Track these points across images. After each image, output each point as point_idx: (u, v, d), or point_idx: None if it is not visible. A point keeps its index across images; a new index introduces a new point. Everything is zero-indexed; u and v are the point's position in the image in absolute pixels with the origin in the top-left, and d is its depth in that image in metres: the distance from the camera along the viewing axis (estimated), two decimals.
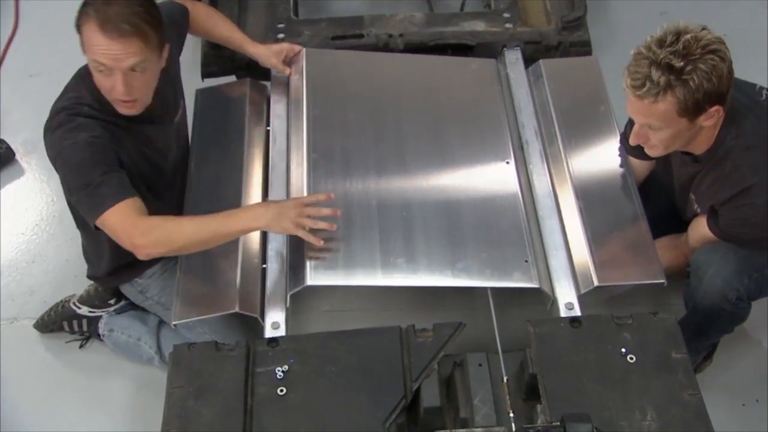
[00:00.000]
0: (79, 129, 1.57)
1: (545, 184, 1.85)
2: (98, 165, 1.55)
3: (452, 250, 1.70)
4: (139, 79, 1.57)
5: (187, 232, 1.55)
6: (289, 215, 1.58)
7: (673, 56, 1.45)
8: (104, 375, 2.02)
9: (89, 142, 1.55)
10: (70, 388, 2.00)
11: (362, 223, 1.73)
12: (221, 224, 1.57)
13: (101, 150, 1.56)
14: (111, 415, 1.95)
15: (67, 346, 2.07)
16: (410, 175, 1.84)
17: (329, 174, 1.81)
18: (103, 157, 1.56)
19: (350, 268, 1.66)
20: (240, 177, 1.86)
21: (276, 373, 1.47)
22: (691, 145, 1.62)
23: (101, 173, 1.54)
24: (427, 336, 1.52)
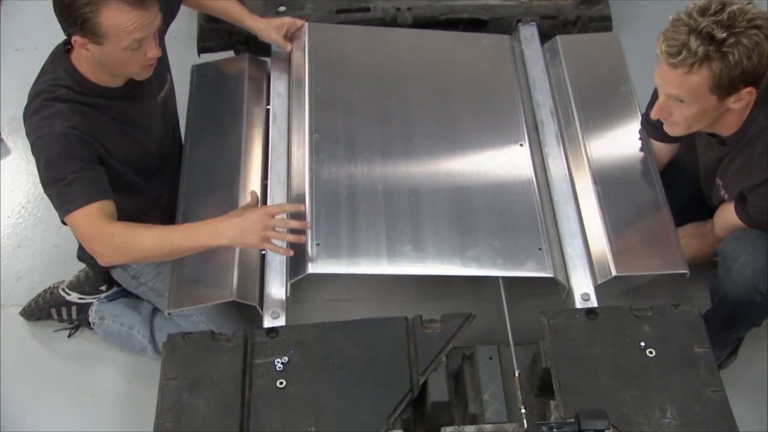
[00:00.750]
0: (54, 117, 1.58)
1: (561, 168, 1.85)
2: (72, 161, 1.57)
3: (462, 237, 1.70)
4: (158, 36, 1.61)
5: (146, 244, 1.58)
6: (253, 229, 1.57)
7: (715, 26, 1.42)
8: (94, 365, 2.03)
9: (64, 134, 1.57)
10: (59, 378, 2.01)
11: (367, 208, 1.73)
12: (181, 239, 1.58)
13: (77, 143, 1.58)
14: (101, 407, 1.96)
15: (56, 334, 2.08)
16: (418, 158, 1.83)
17: (332, 156, 1.81)
18: (78, 152, 1.58)
19: (354, 256, 1.66)
20: (238, 158, 1.86)
21: (275, 365, 1.47)
22: (717, 126, 1.61)
23: (74, 170, 1.57)
24: (434, 327, 1.52)
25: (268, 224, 1.58)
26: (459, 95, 1.96)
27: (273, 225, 1.58)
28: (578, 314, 1.53)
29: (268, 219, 1.58)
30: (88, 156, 1.60)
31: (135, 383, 1.98)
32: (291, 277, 1.67)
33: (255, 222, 1.57)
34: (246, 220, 1.57)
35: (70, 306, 2.04)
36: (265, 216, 1.58)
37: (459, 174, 1.81)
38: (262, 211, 1.59)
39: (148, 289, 1.90)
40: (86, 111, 1.62)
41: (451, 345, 1.50)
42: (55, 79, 1.62)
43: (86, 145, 1.60)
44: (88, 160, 1.59)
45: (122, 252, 1.59)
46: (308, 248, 1.66)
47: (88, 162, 1.60)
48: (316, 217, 1.71)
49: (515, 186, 1.79)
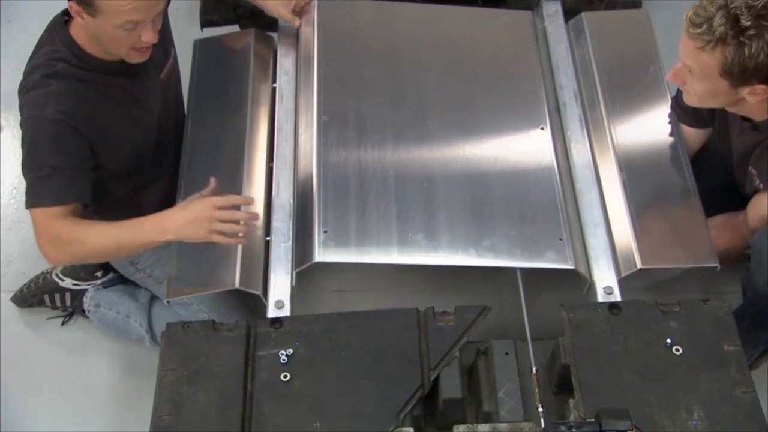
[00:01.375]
0: (48, 98, 1.59)
1: (584, 154, 1.84)
2: (55, 153, 1.59)
3: (478, 226, 1.70)
4: (159, 21, 1.60)
5: (92, 242, 1.61)
6: (199, 223, 1.57)
7: (746, 10, 1.42)
8: (89, 355, 2.04)
9: (55, 120, 1.57)
10: (51, 369, 2.03)
11: (377, 194, 1.73)
12: (127, 237, 1.60)
13: (66, 132, 1.59)
14: (95, 399, 1.97)
15: (48, 322, 2.09)
16: (432, 141, 1.83)
17: (341, 139, 1.81)
18: (65, 142, 1.59)
19: (363, 244, 1.66)
20: (242, 139, 1.86)
21: (279, 357, 1.48)
22: (743, 110, 1.60)
23: (54, 164, 1.59)
24: (447, 320, 1.52)
25: (214, 216, 1.57)
26: (477, 75, 1.95)
27: (218, 217, 1.58)
28: (600, 308, 1.52)
29: (213, 211, 1.58)
30: (75, 148, 1.61)
31: (131, 375, 1.99)
32: (296, 266, 1.67)
33: (199, 215, 1.58)
34: (190, 214, 1.58)
35: (63, 292, 2.06)
36: (209, 209, 1.58)
37: (475, 159, 1.80)
38: (207, 203, 1.59)
39: (147, 276, 1.91)
40: (84, 90, 1.62)
41: (465, 339, 1.50)
42: (53, 51, 1.63)
43: (76, 134, 1.60)
44: (73, 153, 1.61)
45: (68, 252, 1.63)
46: (315, 236, 1.66)
47: (73, 157, 1.61)
48: (324, 203, 1.71)
49: (535, 172, 1.78)
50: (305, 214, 1.72)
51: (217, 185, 1.65)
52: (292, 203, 1.78)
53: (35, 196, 1.61)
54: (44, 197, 1.60)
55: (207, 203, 1.59)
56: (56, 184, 1.60)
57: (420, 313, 1.53)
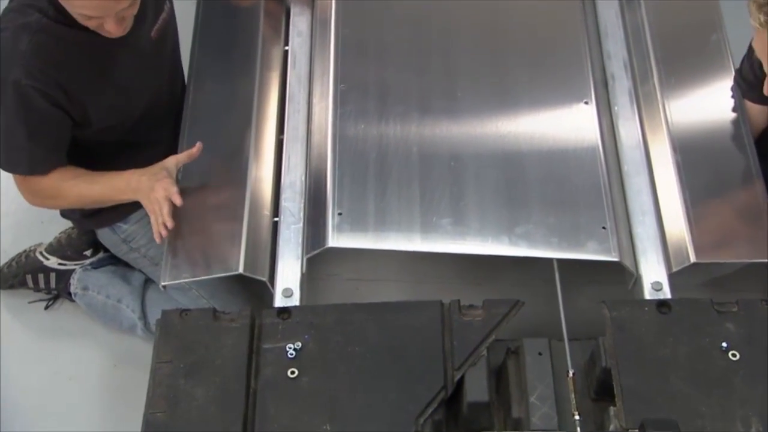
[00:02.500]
0: (14, 58, 1.59)
1: (633, 132, 1.83)
2: (23, 123, 1.63)
3: (511, 211, 1.69)
4: (131, 9, 1.59)
5: (71, 199, 1.77)
6: (156, 190, 1.66)
7: None
8: (75, 344, 2.06)
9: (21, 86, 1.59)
10: (32, 358, 2.05)
11: (399, 173, 1.73)
12: (102, 193, 1.75)
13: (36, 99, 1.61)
14: (81, 392, 2.00)
15: (31, 306, 2.11)
16: (462, 115, 1.82)
17: (360, 111, 1.81)
18: (34, 110, 1.62)
19: (382, 229, 1.66)
20: (249, 108, 1.86)
21: (287, 351, 1.48)
22: None
23: (24, 135, 1.64)
24: (475, 314, 1.52)
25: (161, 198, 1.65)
26: (513, 42, 1.93)
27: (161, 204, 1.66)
28: (647, 306, 1.51)
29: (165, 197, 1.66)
30: (47, 116, 1.64)
31: (122, 366, 2.02)
32: (308, 251, 1.67)
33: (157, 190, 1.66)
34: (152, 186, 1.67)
35: (48, 272, 2.07)
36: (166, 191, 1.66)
37: (510, 136, 1.79)
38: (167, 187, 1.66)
39: (141, 256, 1.92)
40: (58, 51, 1.62)
41: (494, 336, 1.50)
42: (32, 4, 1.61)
43: (48, 100, 1.62)
44: (45, 122, 1.64)
45: (49, 204, 1.83)
46: (329, 218, 1.66)
47: (45, 125, 1.65)
48: (339, 181, 1.71)
49: (577, 152, 1.77)
50: (318, 194, 1.72)
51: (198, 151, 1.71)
52: (303, 181, 1.78)
53: (9, 163, 1.71)
54: (18, 166, 1.69)
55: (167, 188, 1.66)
56: (29, 156, 1.65)
57: (444, 307, 1.53)
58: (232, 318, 1.53)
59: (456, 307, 1.53)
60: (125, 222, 1.88)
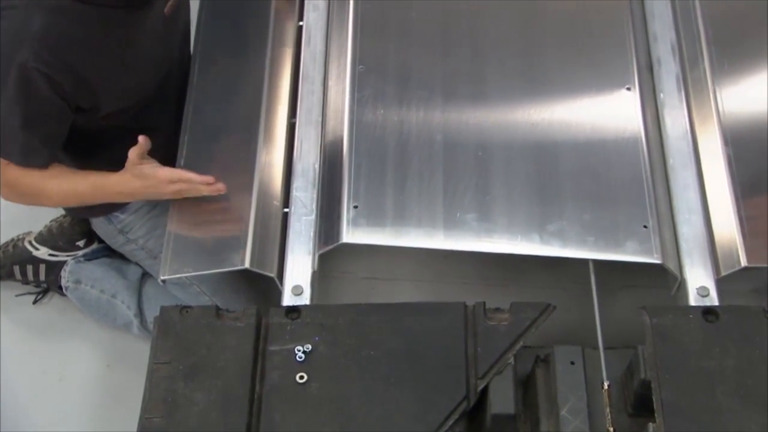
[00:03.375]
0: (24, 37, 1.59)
1: (681, 122, 1.82)
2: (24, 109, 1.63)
3: (543, 206, 1.69)
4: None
5: (53, 198, 1.76)
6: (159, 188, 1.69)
7: None
8: (65, 341, 2.08)
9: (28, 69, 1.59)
10: (20, 356, 2.06)
11: (421, 164, 1.73)
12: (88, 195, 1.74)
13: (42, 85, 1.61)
14: (71, 394, 2.01)
15: (18, 300, 2.13)
16: (491, 101, 1.82)
17: (380, 95, 1.81)
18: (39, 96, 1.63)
19: (401, 224, 1.66)
20: (260, 88, 1.86)
21: (295, 354, 1.48)
22: None
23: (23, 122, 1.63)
24: (501, 318, 1.52)
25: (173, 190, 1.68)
26: (548, 21, 1.93)
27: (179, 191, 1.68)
28: (692, 314, 1.51)
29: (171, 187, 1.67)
30: (51, 105, 1.64)
31: (116, 367, 2.03)
32: (320, 246, 1.68)
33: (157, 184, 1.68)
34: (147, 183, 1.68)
35: (37, 264, 2.08)
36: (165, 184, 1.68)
37: (543, 124, 1.79)
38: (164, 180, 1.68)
39: (138, 248, 1.93)
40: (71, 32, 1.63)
41: (522, 343, 1.50)
42: None
43: (54, 87, 1.63)
44: (47, 111, 1.65)
45: (27, 201, 1.80)
46: (343, 211, 1.67)
47: (47, 115, 1.65)
48: (356, 171, 1.71)
49: (617, 143, 1.76)
50: (333, 184, 1.72)
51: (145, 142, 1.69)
52: (317, 169, 1.78)
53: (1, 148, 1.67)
54: (9, 154, 1.66)
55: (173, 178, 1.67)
56: (24, 145, 1.65)
57: (468, 309, 1.53)
58: (237, 317, 1.53)
59: (480, 309, 1.53)
60: (122, 211, 1.89)
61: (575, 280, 1.76)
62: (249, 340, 1.50)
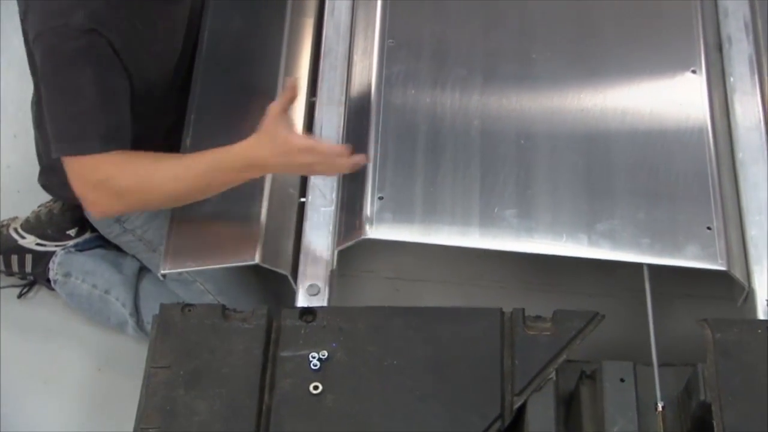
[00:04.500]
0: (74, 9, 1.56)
1: (753, 110, 1.81)
2: (92, 80, 1.56)
3: (592, 202, 1.69)
4: None
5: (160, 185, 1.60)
6: (294, 161, 1.56)
7: None
8: (52, 341, 2.08)
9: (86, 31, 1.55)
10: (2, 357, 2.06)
11: (456, 151, 1.73)
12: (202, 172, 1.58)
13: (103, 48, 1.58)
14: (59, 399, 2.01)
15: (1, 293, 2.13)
16: (536, 83, 1.82)
17: (411, 72, 1.81)
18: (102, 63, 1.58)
19: (432, 219, 1.67)
20: (276, 62, 1.87)
21: (309, 361, 1.49)
22: None
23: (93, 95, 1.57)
24: (543, 328, 1.51)
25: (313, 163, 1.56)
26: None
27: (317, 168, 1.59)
28: (760, 328, 1.50)
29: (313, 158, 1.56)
30: (114, 70, 1.60)
31: (108, 370, 2.03)
32: (340, 241, 1.68)
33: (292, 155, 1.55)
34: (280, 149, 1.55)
35: (23, 254, 2.10)
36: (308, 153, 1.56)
37: (595, 110, 1.79)
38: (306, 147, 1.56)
39: (136, 239, 1.93)
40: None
41: (566, 356, 1.49)
42: None
43: (109, 47, 1.59)
44: (114, 78, 1.60)
45: (128, 200, 1.62)
46: (367, 202, 1.67)
47: (114, 82, 1.60)
48: (382, 158, 1.72)
49: (679, 132, 1.76)
50: (356, 175, 1.70)
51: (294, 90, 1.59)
52: None
53: (72, 139, 1.59)
54: (86, 140, 1.57)
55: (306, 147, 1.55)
56: (102, 123, 1.57)
57: (505, 316, 1.53)
58: (245, 317, 1.54)
59: (519, 317, 1.52)
60: None
61: (627, 287, 1.76)
62: (258, 344, 1.50)
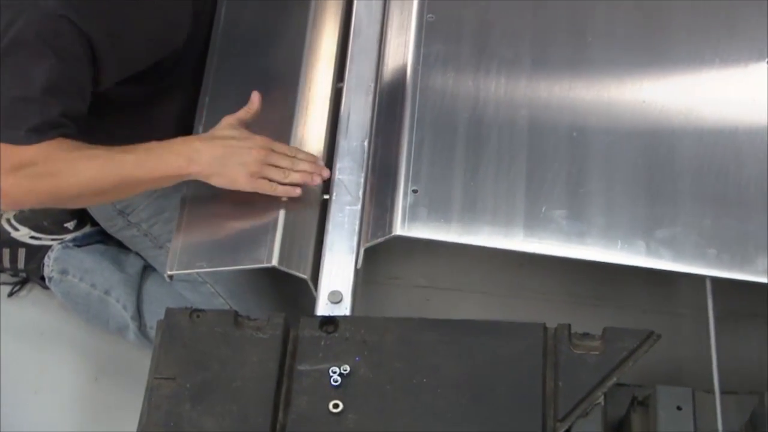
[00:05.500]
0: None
1: None
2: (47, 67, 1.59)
3: (652, 206, 1.67)
4: None
5: (83, 175, 1.62)
6: (246, 158, 1.62)
7: None
8: (45, 345, 2.09)
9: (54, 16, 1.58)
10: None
11: (500, 143, 1.73)
12: (133, 166, 1.62)
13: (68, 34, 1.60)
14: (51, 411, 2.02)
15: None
16: (591, 69, 1.82)
17: (452, 53, 1.81)
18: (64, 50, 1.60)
19: (471, 218, 1.66)
20: (300, 42, 1.88)
21: (330, 376, 1.48)
22: None
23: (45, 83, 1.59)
24: (591, 347, 1.50)
25: (269, 158, 1.64)
26: None
27: (275, 161, 1.64)
28: None
29: (270, 152, 1.64)
30: (77, 59, 1.63)
31: (106, 380, 2.04)
32: (366, 239, 1.68)
33: (251, 149, 1.63)
34: (229, 146, 1.63)
35: (16, 248, 2.11)
36: (267, 146, 1.64)
37: (657, 103, 1.78)
38: (259, 139, 1.66)
39: (141, 234, 1.94)
40: None
41: (616, 379, 1.48)
42: None
43: (80, 39, 1.61)
44: (73, 67, 1.63)
45: (44, 189, 1.63)
46: (399, 196, 1.67)
47: (72, 71, 1.63)
48: (417, 149, 1.71)
49: (751, 131, 1.74)
50: (386, 164, 1.72)
51: (260, 104, 1.68)
52: (367, 147, 1.79)
53: (6, 125, 1.60)
54: (15, 129, 1.60)
55: (259, 139, 1.64)
56: (36, 116, 1.60)
57: (548, 332, 1.52)
58: (259, 326, 1.54)
59: (565, 334, 1.51)
60: None
61: (687, 304, 1.75)
62: (273, 356, 1.50)
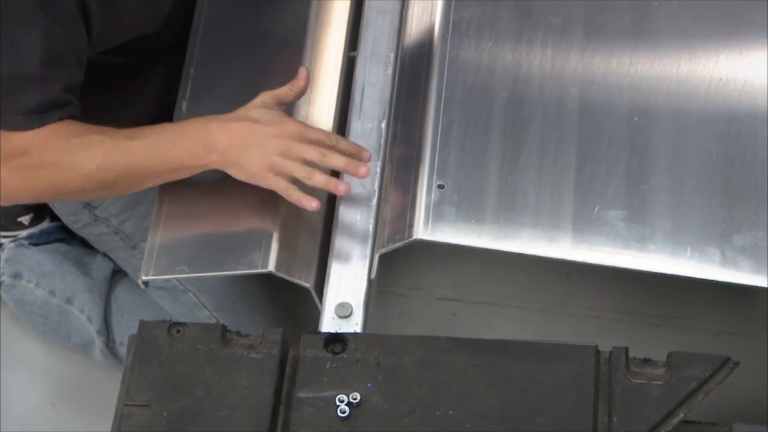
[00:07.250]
0: None
1: None
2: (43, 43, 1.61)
3: (728, 207, 1.68)
4: None
5: (85, 165, 1.64)
6: (268, 147, 1.61)
7: None
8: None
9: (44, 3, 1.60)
10: None
11: (544, 129, 1.74)
12: (147, 152, 1.64)
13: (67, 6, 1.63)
14: None
15: None
16: (655, 42, 1.83)
17: (487, 20, 1.82)
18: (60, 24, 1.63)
19: (509, 219, 1.66)
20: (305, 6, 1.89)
21: (336, 405, 1.48)
22: None
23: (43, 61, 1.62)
24: (653, 375, 1.50)
25: (295, 149, 1.62)
26: None
27: (302, 154, 1.62)
28: None
29: (299, 141, 1.62)
30: (67, 25, 1.65)
31: (64, 407, 2.05)
32: (381, 244, 1.68)
33: (276, 137, 1.62)
34: (263, 131, 1.62)
35: None
36: (297, 134, 1.63)
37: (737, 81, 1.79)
38: (294, 125, 1.64)
39: (110, 232, 1.95)
40: None
41: (683, 415, 1.48)
42: None
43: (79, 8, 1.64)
44: (63, 37, 1.65)
45: (41, 181, 1.66)
46: (422, 192, 1.67)
47: (63, 42, 1.65)
48: (443, 136, 1.72)
49: None
50: (407, 153, 1.73)
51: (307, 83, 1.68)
52: (384, 130, 1.79)
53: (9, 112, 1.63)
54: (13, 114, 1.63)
55: (291, 123, 1.63)
56: (35, 96, 1.63)
57: (601, 357, 1.53)
58: (252, 343, 1.54)
59: (621, 359, 1.51)
60: None
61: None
62: (269, 381, 1.50)
